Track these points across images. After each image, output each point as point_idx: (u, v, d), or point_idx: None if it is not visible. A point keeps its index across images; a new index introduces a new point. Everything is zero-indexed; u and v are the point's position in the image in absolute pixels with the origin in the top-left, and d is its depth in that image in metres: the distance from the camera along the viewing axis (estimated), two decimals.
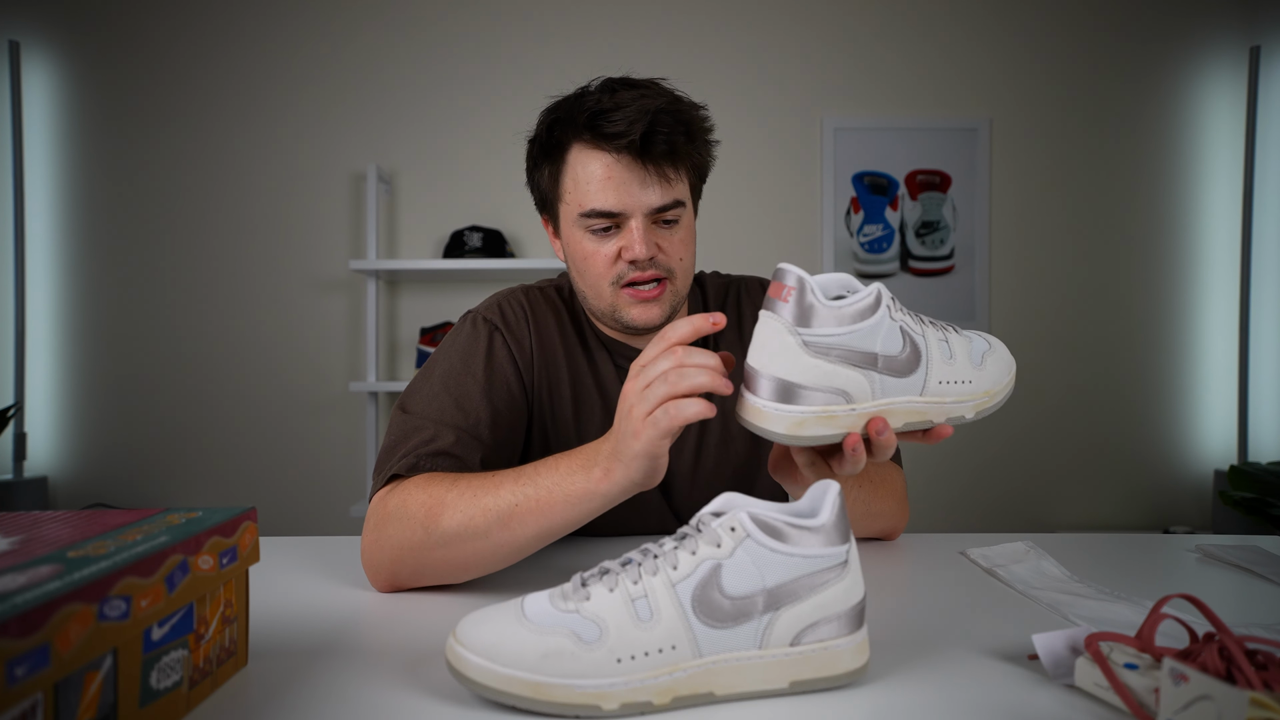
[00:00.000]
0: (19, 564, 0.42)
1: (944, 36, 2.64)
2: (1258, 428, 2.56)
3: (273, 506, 2.57)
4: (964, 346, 0.65)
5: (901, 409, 0.62)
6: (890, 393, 0.62)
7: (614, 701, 0.48)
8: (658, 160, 0.82)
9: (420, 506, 0.72)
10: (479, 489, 0.70)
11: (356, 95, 2.60)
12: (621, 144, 0.80)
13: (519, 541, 0.70)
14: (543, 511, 0.68)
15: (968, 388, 0.64)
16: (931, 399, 0.63)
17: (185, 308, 2.58)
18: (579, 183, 0.83)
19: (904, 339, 0.61)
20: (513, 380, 0.89)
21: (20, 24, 2.55)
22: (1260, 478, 2.07)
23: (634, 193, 0.82)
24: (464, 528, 0.69)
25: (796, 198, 2.64)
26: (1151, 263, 2.65)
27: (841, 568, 0.51)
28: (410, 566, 0.73)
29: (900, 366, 0.61)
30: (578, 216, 0.84)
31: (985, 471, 2.64)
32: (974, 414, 0.65)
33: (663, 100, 0.82)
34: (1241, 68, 2.62)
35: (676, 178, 0.84)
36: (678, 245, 0.86)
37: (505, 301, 0.94)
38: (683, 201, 0.85)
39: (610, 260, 0.85)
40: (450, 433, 0.80)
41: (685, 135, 0.83)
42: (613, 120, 0.80)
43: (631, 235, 0.83)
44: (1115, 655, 0.49)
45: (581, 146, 0.83)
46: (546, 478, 0.68)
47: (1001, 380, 0.66)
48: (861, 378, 0.60)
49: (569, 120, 0.83)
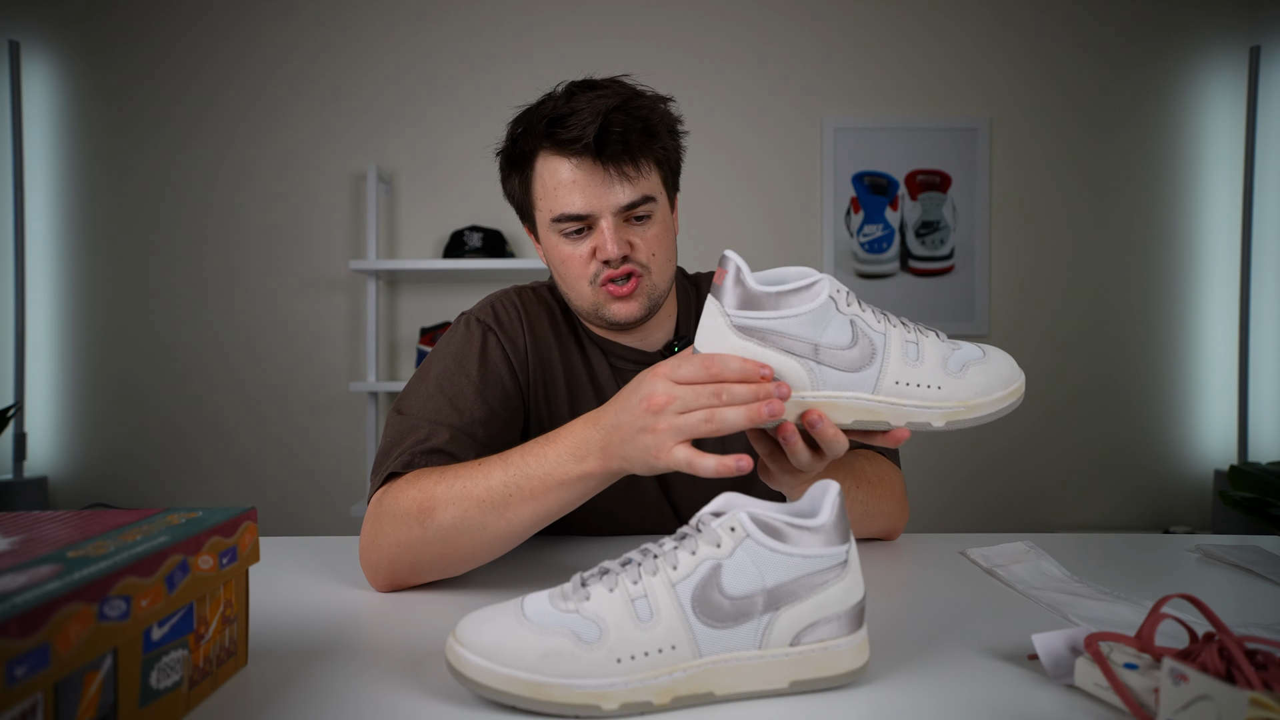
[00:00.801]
0: (19, 564, 0.42)
1: (944, 36, 2.64)
2: (1258, 428, 2.56)
3: (273, 506, 2.57)
4: (939, 352, 0.62)
5: (848, 404, 0.61)
6: (833, 386, 0.61)
7: (614, 701, 0.48)
8: (616, 159, 0.82)
9: (413, 503, 0.72)
10: (468, 480, 0.70)
11: (356, 95, 2.60)
12: (578, 147, 0.81)
13: (515, 529, 0.70)
14: (537, 499, 0.68)
15: (934, 393, 0.61)
16: (885, 399, 0.61)
17: (185, 308, 2.58)
18: (547, 189, 0.85)
19: (854, 333, 0.60)
20: (507, 379, 0.89)
21: (20, 24, 2.55)
22: (1260, 478, 2.06)
23: (600, 194, 0.83)
24: (459, 521, 0.70)
25: (796, 198, 2.64)
26: (1151, 263, 2.65)
27: (841, 568, 0.51)
28: (408, 563, 0.73)
29: (846, 361, 0.60)
30: (550, 222, 0.86)
31: (985, 472, 2.64)
32: (944, 423, 0.62)
33: (617, 99, 0.82)
34: (1241, 68, 2.62)
35: (640, 174, 0.84)
36: (651, 240, 0.87)
37: (498, 302, 0.95)
38: (652, 196, 0.86)
39: (585, 260, 0.86)
40: (445, 431, 0.80)
41: (642, 130, 0.83)
42: (568, 125, 0.81)
43: (603, 235, 0.84)
44: (1115, 655, 0.49)
45: (545, 154, 0.84)
46: (537, 466, 0.68)
47: (989, 394, 0.62)
48: (797, 365, 0.60)
49: (531, 129, 0.85)
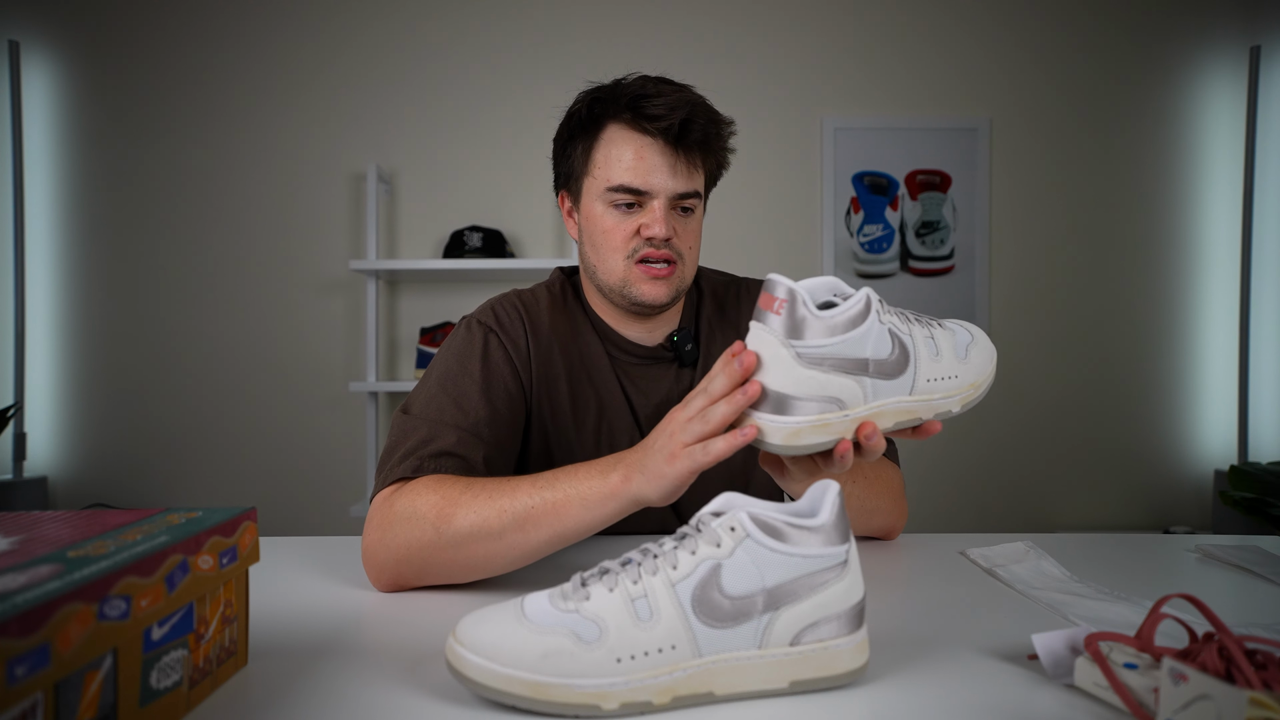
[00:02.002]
0: (19, 564, 0.42)
1: (944, 36, 2.64)
2: (1258, 428, 2.56)
3: (273, 506, 2.57)
4: (949, 341, 0.65)
5: (892, 409, 0.63)
6: (881, 395, 0.62)
7: (614, 701, 0.48)
8: (689, 148, 0.88)
9: (432, 507, 0.72)
10: (495, 492, 0.71)
11: (356, 95, 2.60)
12: (660, 126, 0.86)
13: (532, 544, 0.70)
14: (558, 514, 0.68)
15: (954, 383, 0.64)
16: (920, 397, 0.63)
17: (185, 308, 2.58)
18: (610, 159, 0.88)
19: (893, 341, 0.62)
20: (509, 379, 0.91)
21: (20, 24, 2.55)
22: (1260, 478, 2.06)
23: (662, 175, 0.87)
24: (478, 528, 0.70)
25: (796, 198, 2.64)
26: (1151, 262, 2.65)
27: (841, 568, 0.51)
28: (417, 566, 0.73)
29: (890, 369, 0.62)
30: (604, 190, 0.89)
31: (985, 471, 2.64)
32: (960, 407, 0.65)
33: (701, 100, 0.89)
34: (1241, 68, 2.62)
35: (699, 170, 0.91)
36: (689, 234, 0.92)
37: (499, 305, 0.97)
38: (700, 194, 0.91)
39: (629, 236, 0.89)
40: (451, 432, 0.81)
41: (715, 134, 0.90)
42: (655, 104, 0.86)
43: (654, 214, 0.88)
44: (1115, 655, 0.49)
45: (619, 126, 0.89)
46: (565, 482, 0.69)
47: (985, 370, 0.66)
48: (854, 384, 0.61)
49: (610, 100, 0.89)
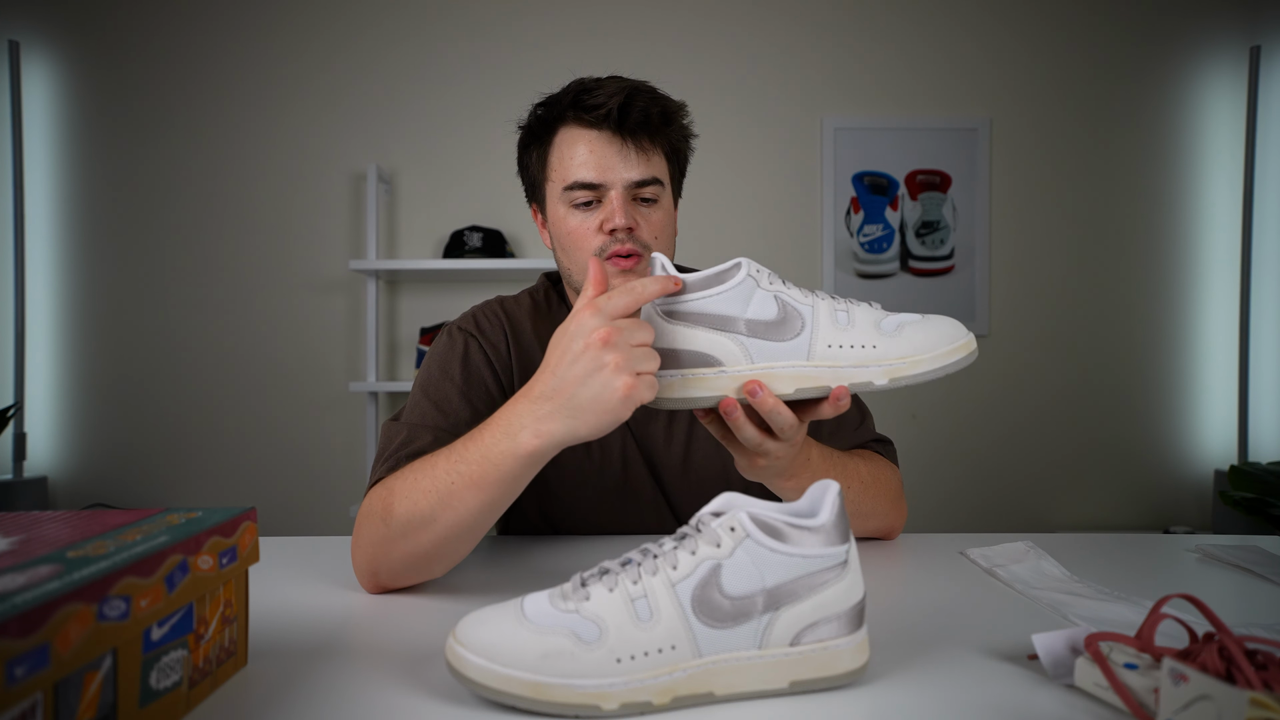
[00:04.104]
0: (19, 564, 0.42)
1: (944, 36, 2.64)
2: (1258, 428, 2.56)
3: (273, 506, 2.57)
4: (871, 316, 0.64)
5: (785, 373, 0.63)
6: (768, 357, 0.63)
7: (614, 701, 0.48)
8: (634, 132, 0.87)
9: (379, 501, 0.73)
10: (419, 473, 0.71)
11: (356, 95, 2.60)
12: (600, 114, 0.86)
13: (465, 519, 0.69)
14: (478, 485, 0.66)
15: (870, 353, 0.63)
16: (821, 363, 0.63)
17: (185, 308, 2.58)
18: (564, 159, 0.89)
19: (779, 305, 0.63)
20: (490, 382, 0.92)
21: (20, 24, 2.55)
22: (1260, 478, 2.06)
23: (614, 166, 0.87)
24: (411, 514, 0.70)
25: (796, 198, 2.64)
26: (1151, 262, 2.65)
27: (841, 568, 0.51)
28: (382, 564, 0.73)
29: (773, 331, 0.63)
30: (562, 191, 0.89)
31: (985, 471, 2.64)
32: (886, 380, 0.63)
33: (643, 85, 0.89)
34: (1241, 68, 2.61)
35: (653, 153, 0.89)
36: (654, 224, 0.90)
37: (480, 311, 0.98)
38: (660, 180, 0.90)
39: (592, 233, 0.89)
40: (428, 434, 0.83)
41: (661, 114, 0.89)
42: (595, 96, 0.87)
43: (611, 206, 0.87)
44: (1115, 655, 0.49)
45: (567, 127, 0.89)
46: (474, 451, 0.67)
47: (930, 350, 0.63)
48: (727, 340, 0.63)
49: (556, 103, 0.90)
